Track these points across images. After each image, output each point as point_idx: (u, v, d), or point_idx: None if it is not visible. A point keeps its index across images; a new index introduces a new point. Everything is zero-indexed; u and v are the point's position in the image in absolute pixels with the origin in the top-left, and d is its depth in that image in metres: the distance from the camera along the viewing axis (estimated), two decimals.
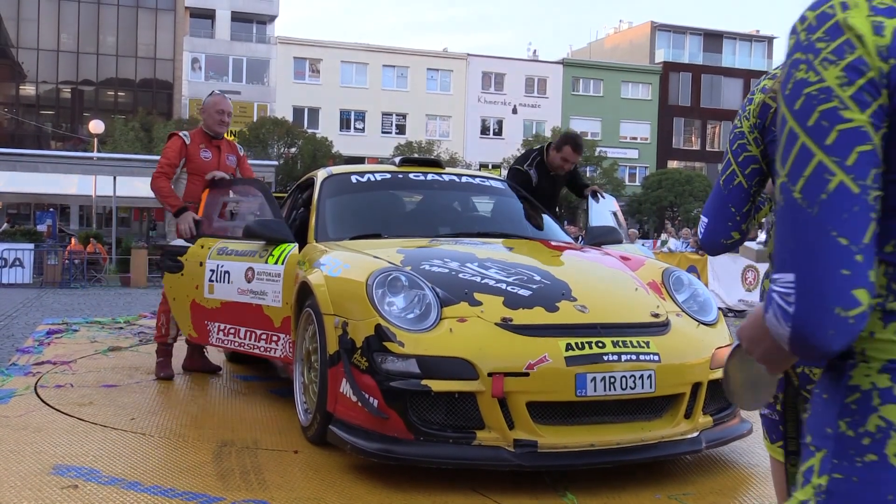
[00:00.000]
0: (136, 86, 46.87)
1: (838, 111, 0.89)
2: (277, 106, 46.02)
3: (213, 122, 5.67)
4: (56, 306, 12.39)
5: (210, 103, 5.76)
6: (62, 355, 6.39)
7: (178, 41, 46.89)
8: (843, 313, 0.88)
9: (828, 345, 0.89)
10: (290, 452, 3.77)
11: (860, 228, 0.88)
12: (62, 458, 3.61)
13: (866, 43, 0.89)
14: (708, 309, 3.96)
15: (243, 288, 4.91)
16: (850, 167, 0.88)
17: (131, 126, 38.31)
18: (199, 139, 5.64)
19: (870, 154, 0.88)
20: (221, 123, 5.70)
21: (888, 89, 0.88)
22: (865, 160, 0.88)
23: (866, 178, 0.88)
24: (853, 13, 0.90)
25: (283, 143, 39.19)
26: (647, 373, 3.38)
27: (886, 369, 0.92)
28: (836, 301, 0.88)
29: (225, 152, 5.74)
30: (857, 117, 0.89)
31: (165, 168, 5.49)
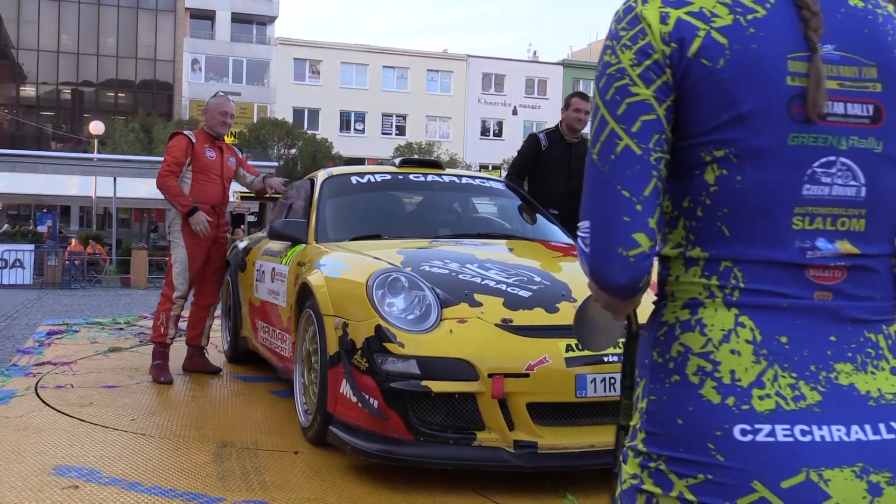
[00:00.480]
0: (136, 87, 46.90)
1: (628, 87, 1.06)
2: (277, 107, 46.03)
3: (216, 122, 5.68)
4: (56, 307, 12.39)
5: (213, 104, 5.76)
6: (62, 356, 6.39)
7: (178, 42, 46.91)
8: (624, 252, 1.05)
9: (614, 279, 1.07)
10: (291, 453, 3.77)
11: (641, 184, 1.05)
12: (63, 459, 3.61)
13: (654, 30, 1.06)
14: None
15: (271, 288, 4.99)
16: (635, 133, 1.05)
17: (131, 127, 38.32)
18: (203, 139, 5.64)
19: (653, 122, 1.05)
20: (224, 125, 5.71)
21: (671, 69, 1.05)
22: (648, 127, 1.05)
23: (649, 142, 1.05)
24: (648, 5, 1.07)
25: (283, 145, 39.21)
26: None
27: (687, 305, 1.10)
28: (619, 242, 1.05)
29: (226, 154, 5.76)
30: (642, 92, 1.06)
31: (172, 167, 5.46)
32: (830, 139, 1.07)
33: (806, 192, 1.06)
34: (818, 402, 1.03)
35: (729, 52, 1.05)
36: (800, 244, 1.07)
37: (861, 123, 1.08)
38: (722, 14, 1.06)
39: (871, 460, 1.01)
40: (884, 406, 1.05)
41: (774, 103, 1.05)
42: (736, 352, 1.05)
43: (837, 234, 1.08)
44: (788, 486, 0.99)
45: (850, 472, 1.00)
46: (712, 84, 1.05)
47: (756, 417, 1.01)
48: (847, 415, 1.04)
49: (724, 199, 1.07)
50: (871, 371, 1.07)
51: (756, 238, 1.07)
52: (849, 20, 1.09)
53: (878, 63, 1.08)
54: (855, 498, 1.00)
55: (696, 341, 1.07)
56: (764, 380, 1.03)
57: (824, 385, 1.04)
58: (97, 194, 23.42)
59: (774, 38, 1.05)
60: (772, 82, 1.05)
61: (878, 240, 1.11)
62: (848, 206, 1.08)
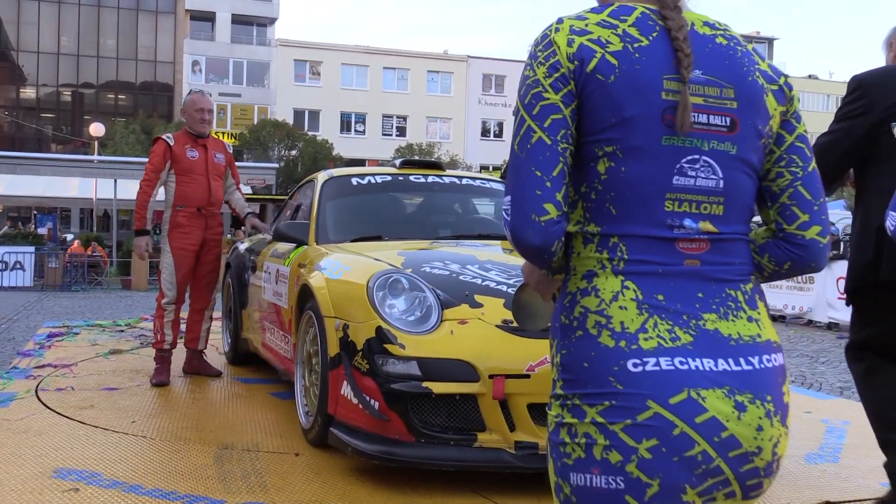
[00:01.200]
0: (136, 88, 46.94)
1: (542, 93, 1.34)
2: (278, 108, 46.06)
3: (194, 121, 5.58)
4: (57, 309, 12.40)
5: (188, 102, 5.63)
6: (63, 358, 6.39)
7: (179, 44, 46.95)
8: (536, 218, 1.31)
9: (530, 240, 1.32)
10: (291, 455, 3.77)
11: (550, 166, 1.32)
12: (63, 462, 3.61)
13: (562, 51, 1.34)
14: None
15: (275, 290, 4.99)
16: (546, 128, 1.33)
17: (132, 129, 38.34)
18: (184, 139, 5.53)
19: (560, 120, 1.33)
20: (203, 122, 5.59)
21: (574, 81, 1.33)
22: (557, 124, 1.32)
23: (557, 135, 1.32)
24: (559, 33, 1.36)
25: (283, 146, 39.22)
26: None
27: (585, 277, 1.36)
28: (533, 211, 1.31)
29: (212, 150, 5.61)
30: (552, 97, 1.33)
31: (150, 175, 5.43)
32: (695, 142, 1.34)
33: (675, 182, 1.34)
34: (690, 342, 1.30)
35: (618, 71, 1.32)
36: (671, 223, 1.34)
37: (720, 131, 1.35)
38: (615, 42, 1.33)
39: (736, 384, 1.29)
40: (742, 345, 1.33)
41: (651, 112, 1.32)
42: (624, 307, 1.31)
43: (701, 216, 1.35)
44: (675, 402, 1.25)
45: (720, 392, 1.28)
46: (604, 95, 1.32)
47: (643, 353, 1.28)
48: (714, 351, 1.31)
49: (611, 185, 1.33)
50: (732, 319, 1.35)
51: (636, 218, 1.33)
52: (714, 53, 1.37)
53: (735, 86, 1.37)
54: (727, 412, 1.27)
55: (593, 303, 1.34)
56: (647, 326, 1.30)
57: (694, 330, 1.31)
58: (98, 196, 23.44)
59: (654, 63, 1.32)
60: (649, 96, 1.32)
61: (734, 222, 1.39)
62: (709, 194, 1.35)
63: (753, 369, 1.32)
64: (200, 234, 5.51)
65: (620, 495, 1.27)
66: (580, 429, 1.30)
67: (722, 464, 1.27)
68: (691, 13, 1.42)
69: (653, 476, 1.25)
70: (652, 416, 1.25)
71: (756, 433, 1.30)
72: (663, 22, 1.36)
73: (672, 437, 1.25)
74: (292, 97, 47.12)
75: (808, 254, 1.44)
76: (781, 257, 1.44)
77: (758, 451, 1.30)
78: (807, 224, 1.43)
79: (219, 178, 5.66)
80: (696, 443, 1.25)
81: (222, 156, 5.71)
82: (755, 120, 1.38)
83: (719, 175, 1.35)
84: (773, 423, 1.33)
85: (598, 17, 1.37)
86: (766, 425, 1.31)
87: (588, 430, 1.29)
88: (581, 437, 1.30)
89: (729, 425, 1.27)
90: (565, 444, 1.33)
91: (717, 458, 1.27)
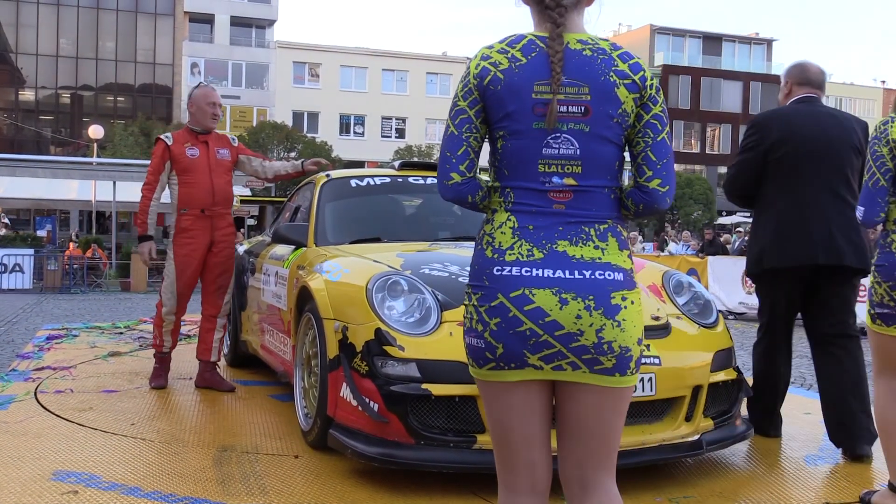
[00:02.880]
0: (135, 91, 46.93)
1: (457, 101, 1.97)
2: (277, 110, 46.06)
3: (205, 115, 5.30)
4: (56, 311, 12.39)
5: (199, 95, 5.33)
6: (62, 361, 6.39)
7: (178, 46, 46.96)
8: (445, 182, 1.99)
9: (445, 195, 2.01)
10: (291, 457, 3.77)
11: (455, 149, 1.97)
12: (62, 464, 3.60)
13: (471, 73, 1.95)
14: (708, 312, 3.96)
15: (274, 291, 4.96)
16: (456, 124, 1.97)
17: (131, 131, 38.34)
18: (184, 138, 5.26)
19: (465, 119, 1.96)
20: (214, 117, 5.33)
21: (479, 94, 1.94)
22: (462, 122, 1.96)
23: (462, 129, 1.96)
24: (474, 60, 1.96)
25: (282, 148, 39.21)
26: (647, 376, 3.38)
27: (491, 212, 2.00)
28: (444, 177, 1.99)
29: (214, 147, 5.32)
30: (461, 103, 1.96)
31: (150, 178, 5.22)
32: (558, 124, 1.90)
33: (544, 152, 1.91)
34: (542, 258, 1.87)
35: (503, 82, 1.91)
36: (543, 179, 1.91)
37: (575, 116, 1.90)
38: (504, 62, 1.93)
39: (563, 287, 1.84)
40: (582, 262, 1.87)
41: (525, 107, 1.91)
42: (504, 232, 1.91)
43: (564, 175, 1.91)
44: (513, 296, 1.85)
45: (549, 291, 1.84)
46: (496, 98, 1.93)
47: (505, 263, 1.88)
48: (556, 265, 1.86)
49: (505, 155, 1.94)
50: (581, 245, 1.89)
51: (520, 176, 1.93)
52: (578, 62, 1.91)
53: (590, 84, 1.91)
54: (550, 304, 1.83)
55: (489, 228, 1.96)
56: (514, 246, 1.89)
57: (547, 250, 1.87)
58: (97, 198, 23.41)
59: (527, 74, 1.90)
60: (523, 97, 1.90)
61: (592, 178, 1.92)
62: (569, 159, 1.91)
63: (584, 279, 1.85)
64: (206, 237, 5.24)
65: (482, 351, 1.89)
66: (469, 307, 1.93)
67: (550, 339, 1.84)
68: (570, 34, 1.95)
69: (498, 342, 1.86)
70: (499, 303, 1.86)
71: (575, 320, 1.83)
72: (547, 48, 1.92)
73: (508, 318, 1.85)
74: (291, 99, 47.12)
75: (652, 199, 1.98)
76: (637, 200, 1.99)
77: (579, 334, 1.83)
78: (651, 178, 1.98)
79: (224, 174, 5.33)
80: (524, 322, 1.84)
81: (227, 151, 5.39)
82: (606, 107, 1.91)
83: (576, 146, 1.91)
84: (592, 314, 1.84)
85: (500, 45, 1.96)
86: (584, 315, 1.83)
87: (471, 309, 1.92)
88: (469, 313, 1.93)
89: (552, 313, 1.83)
90: (465, 316, 1.95)
91: (543, 335, 1.84)
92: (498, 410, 1.93)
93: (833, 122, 4.06)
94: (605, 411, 1.90)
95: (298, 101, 47.26)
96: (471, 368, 1.95)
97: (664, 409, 3.51)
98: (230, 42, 47.95)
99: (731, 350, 3.87)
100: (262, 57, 48.05)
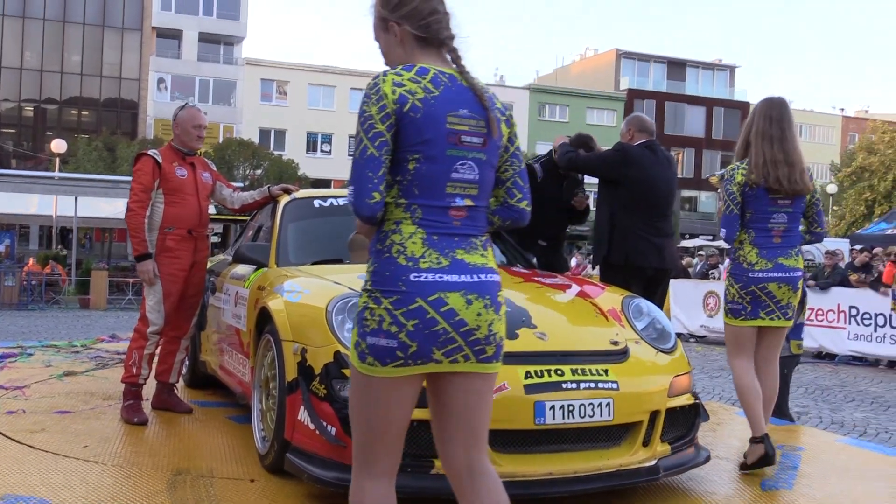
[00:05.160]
0: (100, 105, 46.46)
1: (374, 125, 2.14)
2: (244, 127, 45.85)
3: (191, 137, 5.21)
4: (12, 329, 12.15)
5: (186, 117, 5.22)
6: (15, 380, 6.25)
7: (145, 61, 46.61)
8: (367, 201, 2.14)
9: (364, 213, 2.16)
10: (247, 481, 3.71)
11: (376, 169, 2.14)
12: (12, 488, 3.51)
13: (388, 97, 2.15)
14: (666, 337, 3.99)
15: (234, 312, 4.89)
16: (376, 146, 2.14)
17: (94, 146, 37.89)
18: (172, 157, 5.14)
19: (384, 141, 2.14)
20: (199, 139, 5.26)
21: (395, 116, 2.15)
22: (381, 144, 2.14)
23: (382, 151, 2.15)
24: (385, 84, 2.17)
25: (248, 165, 39.01)
26: (605, 401, 3.38)
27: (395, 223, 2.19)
28: (366, 196, 2.14)
29: (199, 169, 5.27)
30: (380, 127, 2.14)
31: (140, 195, 5.02)
32: (465, 152, 2.21)
33: (453, 175, 2.20)
34: (448, 265, 2.15)
35: (422, 111, 2.15)
36: (449, 200, 2.20)
37: (476, 146, 2.23)
38: (419, 92, 2.17)
39: (468, 289, 2.15)
40: (476, 268, 2.19)
41: (440, 135, 2.17)
42: (415, 242, 2.15)
43: (465, 196, 2.22)
44: (431, 299, 2.11)
45: (458, 294, 2.14)
46: (413, 125, 2.15)
47: (420, 270, 2.12)
48: (459, 271, 2.16)
49: (416, 177, 2.17)
50: (472, 254, 2.21)
51: (429, 195, 2.18)
52: (475, 98, 2.25)
53: (485, 118, 2.25)
54: (459, 305, 2.13)
55: (397, 238, 2.16)
56: (426, 255, 2.14)
57: (449, 259, 2.16)
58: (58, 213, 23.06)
59: (441, 106, 2.18)
60: (439, 126, 2.17)
61: (482, 199, 2.27)
62: (470, 183, 2.23)
63: (480, 281, 2.18)
64: (189, 257, 5.14)
65: (392, 351, 2.11)
66: (377, 311, 2.12)
67: (456, 335, 2.13)
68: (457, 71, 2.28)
69: (413, 341, 2.10)
70: (417, 307, 2.10)
71: (476, 317, 2.15)
72: (468, 82, 2.26)
73: (426, 319, 2.10)
74: (258, 116, 46.93)
75: (520, 216, 2.38)
76: (504, 217, 2.37)
77: (477, 328, 2.16)
78: (521, 199, 2.38)
79: (207, 198, 5.32)
80: (439, 322, 2.11)
81: (208, 174, 5.36)
82: (495, 138, 2.27)
83: (476, 172, 2.23)
84: (489, 311, 2.18)
85: (409, 74, 2.19)
86: (483, 313, 2.17)
87: (381, 312, 2.11)
88: (377, 316, 2.12)
89: (461, 313, 2.13)
90: (366, 318, 2.14)
91: (452, 332, 2.13)
92: (385, 404, 2.17)
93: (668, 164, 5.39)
94: (485, 395, 2.26)
95: (265, 119, 47.07)
96: (364, 367, 2.15)
97: (622, 434, 3.52)
98: (198, 58, 47.71)
99: (690, 375, 3.90)
100: (230, 73, 47.86)
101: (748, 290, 4.13)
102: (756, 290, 4.12)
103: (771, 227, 4.14)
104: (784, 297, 4.14)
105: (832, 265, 13.04)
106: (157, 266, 5.06)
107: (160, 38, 47.76)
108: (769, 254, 4.13)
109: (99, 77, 46.29)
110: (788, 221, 4.17)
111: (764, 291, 4.12)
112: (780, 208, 4.14)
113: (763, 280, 4.11)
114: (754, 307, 4.14)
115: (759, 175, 4.09)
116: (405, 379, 2.15)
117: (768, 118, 4.16)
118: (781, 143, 4.11)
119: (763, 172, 4.08)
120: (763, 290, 4.12)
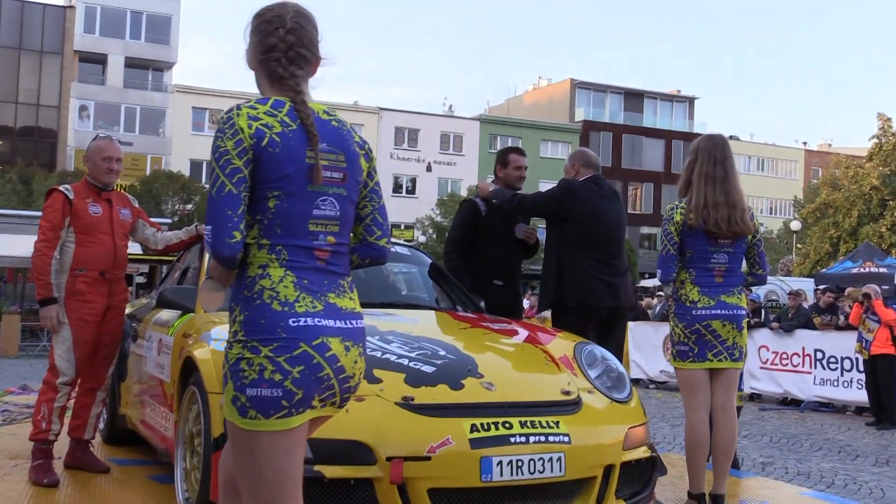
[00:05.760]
0: (15, 134, 45.64)
1: (231, 159, 2.22)
2: (173, 159, 45.44)
3: (101, 171, 5.07)
4: None
5: (94, 150, 5.10)
6: None
7: (66, 87, 46.05)
8: (228, 240, 2.20)
9: (224, 254, 2.21)
10: None
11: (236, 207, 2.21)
12: None
13: (244, 131, 2.23)
14: (621, 385, 4.02)
15: (158, 361, 4.80)
16: (234, 182, 2.21)
17: (8, 178, 37.17)
18: (86, 192, 5.03)
19: (242, 177, 2.22)
20: (110, 172, 5.10)
21: (252, 151, 2.23)
22: (240, 180, 2.22)
23: (240, 187, 2.22)
24: (240, 118, 2.25)
25: (178, 200, 38.62)
26: (556, 455, 3.39)
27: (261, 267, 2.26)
28: (226, 236, 2.20)
29: (117, 206, 5.14)
30: (237, 162, 2.22)
31: (48, 234, 4.90)
32: (325, 188, 2.31)
33: (314, 213, 2.29)
34: (322, 309, 2.25)
35: (280, 146, 2.24)
36: (312, 238, 2.29)
37: (336, 181, 2.33)
38: (277, 126, 2.26)
39: (345, 336, 2.27)
40: (346, 312, 2.31)
41: (300, 170, 2.26)
42: (286, 286, 2.22)
43: (328, 234, 2.31)
44: (315, 344, 2.20)
45: (338, 339, 2.25)
46: (272, 160, 2.24)
47: (298, 315, 2.20)
48: (334, 316, 2.26)
49: (277, 215, 2.25)
50: (341, 296, 2.32)
51: (292, 234, 2.26)
52: (332, 131, 2.36)
53: (345, 152, 2.37)
54: (340, 351, 2.25)
55: (267, 283, 2.23)
56: (300, 298, 2.22)
57: (323, 303, 2.26)
58: None
59: (299, 140, 2.27)
60: (298, 161, 2.26)
61: (344, 237, 2.38)
62: (332, 220, 2.33)
63: (352, 327, 2.30)
64: (103, 301, 5.01)
65: (278, 400, 2.17)
66: (256, 360, 2.18)
67: (335, 381, 2.25)
68: (316, 104, 2.37)
69: (299, 388, 2.18)
70: (302, 352, 2.18)
71: (353, 364, 2.29)
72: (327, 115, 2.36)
73: (312, 364, 2.19)
74: (189, 147, 46.55)
75: (381, 254, 2.53)
76: (364, 255, 2.51)
77: (352, 376, 2.30)
78: (381, 237, 2.51)
79: (124, 236, 5.19)
80: (324, 368, 2.21)
81: (128, 211, 5.23)
82: (355, 173, 2.39)
83: (337, 208, 2.33)
84: (361, 360, 2.34)
85: (264, 107, 2.28)
86: (359, 360, 2.32)
87: (262, 361, 2.17)
88: (256, 366, 2.17)
89: (341, 359, 2.25)
90: (244, 370, 2.20)
91: (333, 378, 2.24)
92: (280, 459, 2.22)
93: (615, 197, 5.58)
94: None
95: (197, 150, 46.65)
96: (246, 422, 2.21)
97: (574, 491, 3.53)
98: (124, 84, 47.29)
99: (646, 426, 3.93)
100: (159, 101, 47.53)
101: (692, 328, 4.30)
102: (700, 329, 4.29)
103: (712, 266, 4.34)
104: (729, 337, 4.32)
105: (796, 306, 13.32)
106: (65, 311, 4.92)
107: (83, 62, 47.28)
108: (711, 292, 4.31)
109: (14, 104, 45.54)
110: (729, 261, 4.36)
111: (708, 329, 4.29)
112: (721, 248, 4.34)
113: (706, 318, 4.29)
114: (701, 348, 4.31)
115: (697, 217, 4.28)
116: (294, 430, 2.22)
117: (712, 159, 4.33)
118: (724, 184, 4.30)
119: (703, 214, 4.27)
120: (707, 329, 4.29)
